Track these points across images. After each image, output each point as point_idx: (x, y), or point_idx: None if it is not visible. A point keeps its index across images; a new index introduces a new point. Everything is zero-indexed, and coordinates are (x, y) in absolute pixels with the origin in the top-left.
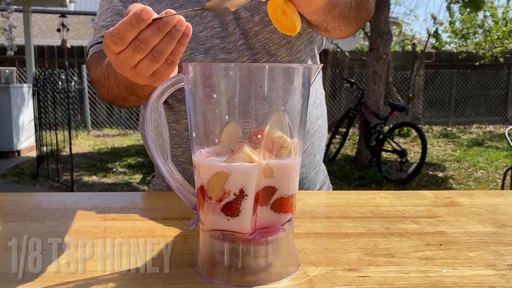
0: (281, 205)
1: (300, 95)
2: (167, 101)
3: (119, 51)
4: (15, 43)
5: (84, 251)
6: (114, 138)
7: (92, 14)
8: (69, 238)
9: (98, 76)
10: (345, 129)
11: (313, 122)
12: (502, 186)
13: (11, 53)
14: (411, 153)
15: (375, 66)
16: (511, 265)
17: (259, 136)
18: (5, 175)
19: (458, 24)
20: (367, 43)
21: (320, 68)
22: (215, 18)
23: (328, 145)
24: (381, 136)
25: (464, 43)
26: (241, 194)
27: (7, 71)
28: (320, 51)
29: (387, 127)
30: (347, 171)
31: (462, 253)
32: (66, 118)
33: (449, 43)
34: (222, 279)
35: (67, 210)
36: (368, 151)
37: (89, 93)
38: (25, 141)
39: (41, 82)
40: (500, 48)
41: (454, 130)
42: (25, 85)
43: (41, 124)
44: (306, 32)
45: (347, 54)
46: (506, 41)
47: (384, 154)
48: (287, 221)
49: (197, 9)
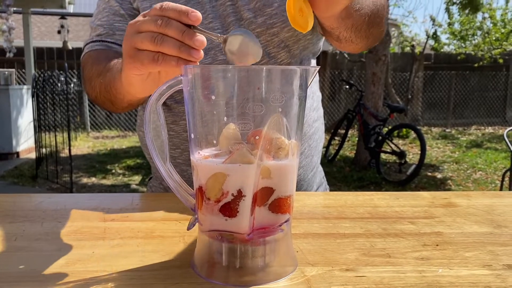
0: (279, 205)
1: (298, 97)
2: (165, 102)
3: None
4: (14, 45)
5: (84, 251)
6: (113, 140)
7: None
8: (69, 239)
9: (90, 75)
10: (344, 131)
11: (310, 125)
12: (500, 188)
13: (10, 55)
14: (410, 154)
15: (374, 68)
16: (506, 265)
17: (257, 137)
18: (4, 177)
19: (456, 25)
20: None
21: (317, 70)
22: (216, 20)
23: (327, 147)
24: (380, 137)
25: (462, 44)
26: (239, 195)
27: (6, 72)
28: (316, 56)
29: (386, 129)
30: (346, 173)
31: (458, 253)
32: (65, 120)
33: (448, 44)
34: (220, 279)
35: (66, 211)
36: (367, 152)
37: None
38: (24, 142)
39: (40, 84)
40: (499, 50)
41: (453, 131)
42: (24, 87)
43: (40, 126)
44: (304, 39)
45: (346, 55)
46: (504, 42)
47: (383, 156)
48: (285, 222)
49: (219, 37)
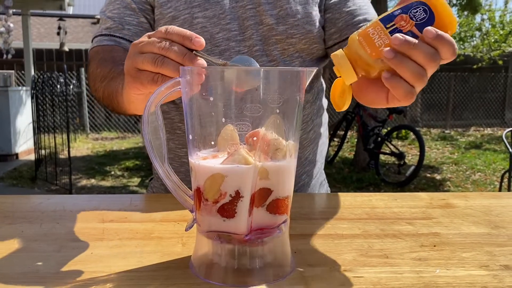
0: (277, 206)
1: (295, 98)
2: (174, 101)
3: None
4: (13, 46)
5: (82, 252)
6: (113, 141)
7: (91, 17)
8: (68, 239)
9: (94, 75)
10: (343, 132)
11: (316, 131)
12: (499, 189)
13: (9, 56)
14: (409, 155)
15: None
16: (503, 265)
17: (254, 138)
18: (3, 178)
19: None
20: None
21: (315, 72)
22: (234, 21)
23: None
24: (379, 138)
25: (461, 46)
26: (237, 196)
27: (5, 74)
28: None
29: (385, 130)
30: (345, 174)
31: (456, 254)
32: (65, 121)
33: None
34: (218, 280)
35: (65, 212)
36: (366, 154)
37: (87, 96)
38: (24, 144)
39: (39, 85)
40: (498, 51)
41: (452, 132)
42: (23, 88)
43: (40, 127)
44: (317, 53)
45: None
46: (503, 44)
47: (382, 157)
48: (283, 222)
49: (220, 63)
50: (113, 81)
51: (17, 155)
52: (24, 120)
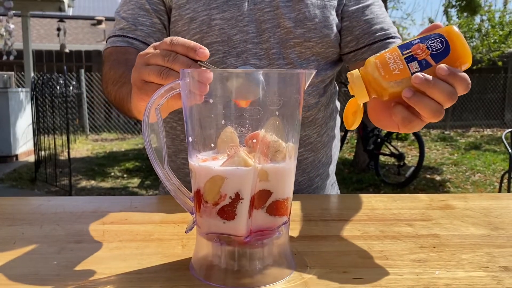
0: (277, 208)
1: (294, 100)
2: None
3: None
4: (14, 48)
5: (83, 254)
6: (112, 143)
7: (90, 18)
8: (68, 241)
9: (107, 78)
10: (343, 133)
11: (329, 134)
12: (499, 190)
13: (11, 57)
14: (408, 156)
15: None
16: (503, 267)
17: (254, 140)
18: (3, 180)
19: None
20: None
21: (314, 73)
22: (251, 23)
23: None
24: (379, 139)
25: None
26: (237, 198)
27: (5, 75)
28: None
29: (385, 131)
30: (345, 175)
31: (455, 255)
32: (64, 123)
33: None
34: (218, 282)
35: (65, 214)
36: (366, 154)
37: (87, 97)
38: (23, 145)
39: (39, 87)
40: (498, 52)
41: (452, 133)
42: (23, 90)
43: (39, 129)
44: (332, 57)
45: None
46: (503, 45)
47: (382, 158)
48: (283, 224)
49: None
50: (124, 87)
51: (16, 156)
52: (24, 122)
